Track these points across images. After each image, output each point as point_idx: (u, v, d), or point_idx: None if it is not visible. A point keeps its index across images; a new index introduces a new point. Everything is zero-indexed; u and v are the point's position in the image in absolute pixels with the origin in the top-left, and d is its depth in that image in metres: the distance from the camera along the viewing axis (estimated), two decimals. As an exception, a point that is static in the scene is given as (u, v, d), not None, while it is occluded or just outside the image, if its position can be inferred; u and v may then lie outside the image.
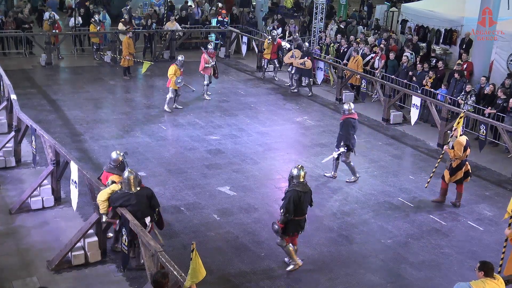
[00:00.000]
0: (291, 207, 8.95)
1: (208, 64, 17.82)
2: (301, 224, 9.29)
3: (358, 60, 18.80)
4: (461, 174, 11.65)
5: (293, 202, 8.95)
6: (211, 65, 17.91)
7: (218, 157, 13.81)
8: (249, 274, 9.33)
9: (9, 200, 11.19)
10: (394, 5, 29.28)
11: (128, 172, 8.79)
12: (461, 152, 11.46)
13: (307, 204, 9.32)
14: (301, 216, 9.21)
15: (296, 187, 9.08)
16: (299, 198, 9.01)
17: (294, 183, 9.16)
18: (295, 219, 9.13)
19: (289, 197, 8.99)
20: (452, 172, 11.67)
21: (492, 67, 17.92)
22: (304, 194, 9.12)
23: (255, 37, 23.67)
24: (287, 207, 8.98)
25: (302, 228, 9.35)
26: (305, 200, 9.16)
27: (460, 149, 11.44)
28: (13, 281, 8.75)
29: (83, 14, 23.73)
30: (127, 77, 19.99)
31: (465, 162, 11.68)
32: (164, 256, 7.53)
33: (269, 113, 17.17)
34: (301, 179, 9.16)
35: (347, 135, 12.45)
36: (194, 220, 10.89)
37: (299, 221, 9.23)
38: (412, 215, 11.53)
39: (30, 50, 22.36)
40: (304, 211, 9.23)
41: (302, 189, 9.09)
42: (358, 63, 18.75)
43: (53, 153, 10.84)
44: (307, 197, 9.25)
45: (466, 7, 21.50)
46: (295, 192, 9.01)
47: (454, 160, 11.57)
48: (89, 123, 15.54)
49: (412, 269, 9.71)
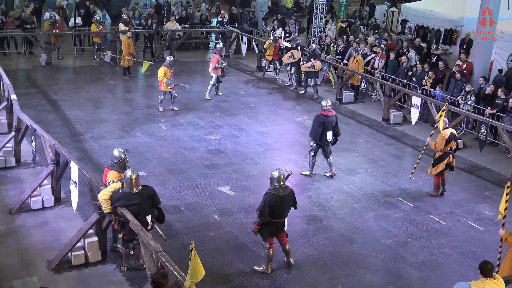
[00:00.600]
0: (267, 209, 8.93)
1: (220, 65, 17.81)
2: (279, 226, 9.24)
3: (359, 60, 18.74)
4: (442, 166, 11.96)
5: (268, 205, 8.93)
6: (224, 66, 18.00)
7: (218, 157, 13.82)
8: (249, 274, 9.33)
9: (9, 200, 11.20)
10: (394, 5, 29.28)
11: (130, 172, 8.79)
12: (442, 145, 11.76)
13: (288, 207, 9.28)
14: (279, 218, 9.17)
15: (274, 190, 9.07)
16: (275, 202, 8.98)
17: (275, 185, 9.14)
18: (273, 221, 9.11)
19: (265, 200, 8.99)
20: (434, 163, 12.04)
21: (492, 67, 17.92)
22: (282, 197, 9.06)
23: (255, 37, 23.68)
24: (262, 210, 8.98)
25: (281, 230, 9.29)
26: (284, 203, 9.11)
27: (442, 142, 11.74)
28: (13, 281, 8.75)
29: (83, 14, 23.73)
30: (127, 77, 19.99)
31: (448, 155, 11.95)
32: (164, 256, 7.53)
33: (269, 113, 17.17)
34: (281, 182, 9.15)
35: (315, 131, 12.55)
36: (194, 220, 10.89)
37: (277, 223, 9.19)
38: (412, 215, 11.53)
39: (30, 50, 22.38)
40: (283, 214, 9.19)
41: (280, 192, 9.06)
42: (359, 63, 18.71)
43: (53, 153, 10.84)
44: (287, 200, 9.18)
45: (466, 7, 21.50)
46: (271, 195, 8.99)
47: (437, 152, 11.95)
48: (89, 123, 15.54)
49: (412, 269, 9.72)
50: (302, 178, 13.00)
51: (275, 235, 9.29)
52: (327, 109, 12.56)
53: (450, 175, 13.45)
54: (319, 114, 12.60)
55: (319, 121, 12.52)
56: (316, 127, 12.53)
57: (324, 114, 12.54)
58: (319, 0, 22.83)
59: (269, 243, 9.25)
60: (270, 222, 9.10)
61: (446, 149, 11.87)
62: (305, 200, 11.94)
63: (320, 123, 12.49)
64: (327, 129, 12.57)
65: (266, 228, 9.16)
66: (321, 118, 12.50)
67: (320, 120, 12.51)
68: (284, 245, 9.48)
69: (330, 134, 12.66)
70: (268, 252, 9.28)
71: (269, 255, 9.30)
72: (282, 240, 9.43)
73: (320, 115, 12.57)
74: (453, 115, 15.39)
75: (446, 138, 11.74)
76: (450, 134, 11.85)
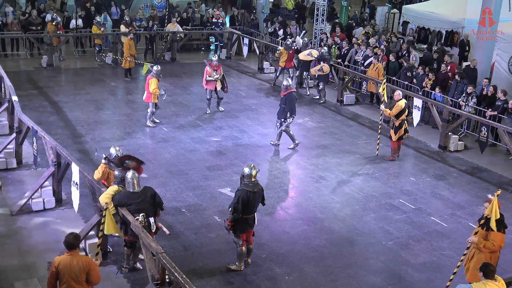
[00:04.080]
0: (239, 206, 9.03)
1: (211, 77, 16.54)
2: (249, 222, 9.32)
3: (379, 68, 18.04)
4: (402, 132, 13.95)
5: (241, 202, 9.03)
6: (215, 79, 16.52)
7: (219, 158, 13.82)
8: (250, 276, 9.33)
9: (10, 202, 11.20)
10: (395, 7, 29.28)
11: (131, 173, 8.80)
12: (396, 112, 13.73)
13: (257, 203, 9.35)
14: (249, 214, 9.25)
15: (246, 186, 9.15)
16: (248, 198, 9.07)
17: (245, 182, 9.21)
18: (244, 217, 9.20)
19: (238, 197, 9.07)
20: (395, 130, 13.90)
21: (493, 68, 17.91)
22: (254, 193, 9.16)
23: (256, 39, 23.69)
24: (235, 207, 9.06)
25: (251, 226, 9.38)
26: (254, 199, 9.21)
27: (398, 110, 13.73)
28: (14, 282, 8.76)
29: (83, 16, 23.76)
30: (128, 79, 20.01)
31: (404, 122, 13.96)
32: (165, 257, 7.53)
33: (270, 115, 17.14)
34: (252, 179, 9.22)
35: (293, 107, 14.20)
36: (195, 222, 10.90)
37: (247, 219, 9.28)
38: (413, 217, 11.53)
39: (31, 51, 22.40)
40: (253, 209, 9.27)
41: (252, 188, 9.14)
42: (378, 71, 17.99)
43: (54, 154, 10.85)
44: (257, 196, 9.28)
45: (467, 9, 21.49)
46: (244, 192, 9.08)
47: (396, 121, 13.83)
48: (90, 124, 15.55)
49: (413, 271, 9.71)
50: (302, 180, 13.00)
51: (246, 231, 9.35)
52: (291, 87, 14.41)
53: (451, 177, 13.53)
54: (291, 92, 14.25)
55: (293, 97, 14.30)
56: (294, 103, 14.27)
57: (293, 91, 14.35)
58: (320, 2, 22.85)
59: (241, 240, 9.31)
60: (241, 218, 9.20)
61: (403, 117, 13.84)
62: (306, 201, 11.95)
63: (295, 98, 14.36)
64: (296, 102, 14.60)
65: (238, 224, 9.25)
66: (294, 95, 14.33)
67: (294, 97, 14.36)
68: (250, 243, 9.53)
69: None
70: (241, 249, 9.32)
71: (241, 252, 9.34)
72: (249, 238, 9.48)
73: (291, 92, 14.26)
74: (454, 116, 15.39)
75: (402, 108, 13.74)
76: (404, 104, 13.84)
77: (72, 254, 7.01)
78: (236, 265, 9.43)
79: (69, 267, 6.94)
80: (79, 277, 6.97)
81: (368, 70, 18.59)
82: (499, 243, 8.34)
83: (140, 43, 23.60)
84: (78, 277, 6.97)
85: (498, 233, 8.28)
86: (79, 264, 6.96)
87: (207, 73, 16.53)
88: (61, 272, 6.96)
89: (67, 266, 6.94)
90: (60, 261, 7.01)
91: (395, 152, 14.19)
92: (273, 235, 10.64)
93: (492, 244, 8.31)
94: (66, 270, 6.94)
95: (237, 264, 9.43)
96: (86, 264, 7.01)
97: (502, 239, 8.36)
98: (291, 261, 9.81)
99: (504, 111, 14.97)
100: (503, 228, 8.37)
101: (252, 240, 9.56)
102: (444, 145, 15.13)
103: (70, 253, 7.02)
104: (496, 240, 8.29)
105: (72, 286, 6.97)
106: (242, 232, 9.32)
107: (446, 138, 15.12)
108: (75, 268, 6.93)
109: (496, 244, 8.31)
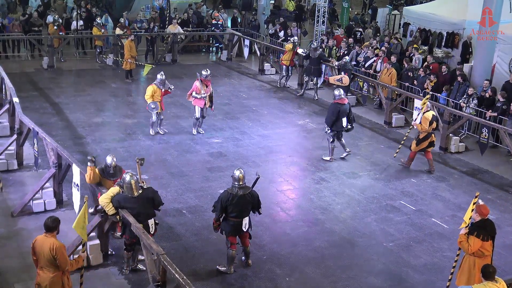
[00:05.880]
0: (218, 206, 9.12)
1: (198, 94, 14.80)
2: (236, 226, 9.19)
3: (392, 73, 17.51)
4: (426, 144, 13.44)
5: (221, 202, 9.09)
6: (202, 97, 14.81)
7: (220, 160, 13.81)
8: (251, 277, 9.33)
9: (11, 203, 11.21)
10: (396, 8, 29.28)
11: (129, 176, 8.78)
12: (427, 125, 13.23)
13: (247, 208, 9.23)
14: (237, 218, 9.15)
15: (230, 188, 9.19)
16: (228, 199, 9.04)
17: (234, 184, 9.22)
18: (231, 219, 9.16)
19: (219, 197, 9.20)
20: (418, 142, 13.46)
21: (494, 70, 17.90)
22: (240, 197, 9.08)
23: (257, 40, 23.70)
24: (214, 205, 9.29)
25: (240, 230, 9.25)
26: (242, 204, 9.11)
27: (426, 123, 13.23)
28: (14, 283, 8.77)
29: (85, 17, 23.77)
30: (129, 80, 20.02)
31: (430, 134, 13.43)
32: (166, 259, 7.53)
33: (271, 116, 17.17)
34: (240, 182, 9.19)
35: (330, 117, 13.67)
36: (196, 223, 10.89)
37: (235, 223, 9.17)
38: (414, 218, 11.52)
39: (32, 53, 22.41)
40: (241, 214, 9.15)
41: (236, 192, 9.10)
42: (392, 76, 17.48)
43: (55, 156, 10.85)
44: (246, 201, 9.16)
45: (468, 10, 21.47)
46: (226, 193, 9.13)
47: (422, 133, 13.36)
48: (91, 126, 15.55)
49: (414, 272, 9.70)
50: (303, 181, 13.00)
51: (236, 234, 9.28)
52: (341, 98, 13.62)
53: (452, 179, 13.51)
54: (335, 103, 13.61)
55: (335, 109, 13.57)
56: (331, 115, 13.61)
57: (339, 103, 13.57)
58: (321, 3, 22.86)
59: (230, 242, 9.27)
60: (227, 219, 9.17)
61: (430, 129, 13.32)
62: (307, 203, 11.94)
63: (335, 111, 13.55)
64: (342, 116, 13.66)
65: (224, 225, 9.24)
66: (337, 107, 13.56)
67: (336, 108, 13.56)
68: (246, 246, 9.49)
69: (345, 121, 13.77)
70: (230, 251, 9.28)
71: (231, 255, 9.30)
72: (244, 241, 9.45)
73: (336, 103, 13.60)
74: (455, 118, 15.39)
75: (430, 119, 13.22)
76: (432, 116, 13.32)
77: (48, 236, 7.42)
78: (226, 268, 9.38)
79: (41, 248, 7.37)
80: (49, 259, 7.34)
81: (381, 75, 18.11)
82: (474, 249, 8.13)
83: (141, 45, 23.64)
84: (48, 259, 7.34)
85: (476, 239, 8.10)
86: (49, 247, 7.32)
87: (196, 89, 14.84)
88: (36, 249, 7.46)
89: (40, 246, 7.40)
90: (37, 240, 7.50)
91: (411, 160, 13.80)
92: (274, 236, 10.63)
93: (467, 247, 8.14)
94: (39, 249, 7.40)
95: (226, 266, 9.37)
96: (54, 249, 7.32)
97: (478, 245, 8.12)
98: (292, 262, 9.81)
99: (504, 113, 14.96)
100: (484, 235, 8.13)
101: (248, 243, 9.49)
102: (445, 146, 15.13)
103: (47, 234, 7.44)
104: (471, 245, 8.12)
105: (46, 264, 7.42)
106: (232, 234, 9.26)
107: (447, 140, 15.11)
108: (45, 249, 7.34)
109: (471, 249, 8.13)
